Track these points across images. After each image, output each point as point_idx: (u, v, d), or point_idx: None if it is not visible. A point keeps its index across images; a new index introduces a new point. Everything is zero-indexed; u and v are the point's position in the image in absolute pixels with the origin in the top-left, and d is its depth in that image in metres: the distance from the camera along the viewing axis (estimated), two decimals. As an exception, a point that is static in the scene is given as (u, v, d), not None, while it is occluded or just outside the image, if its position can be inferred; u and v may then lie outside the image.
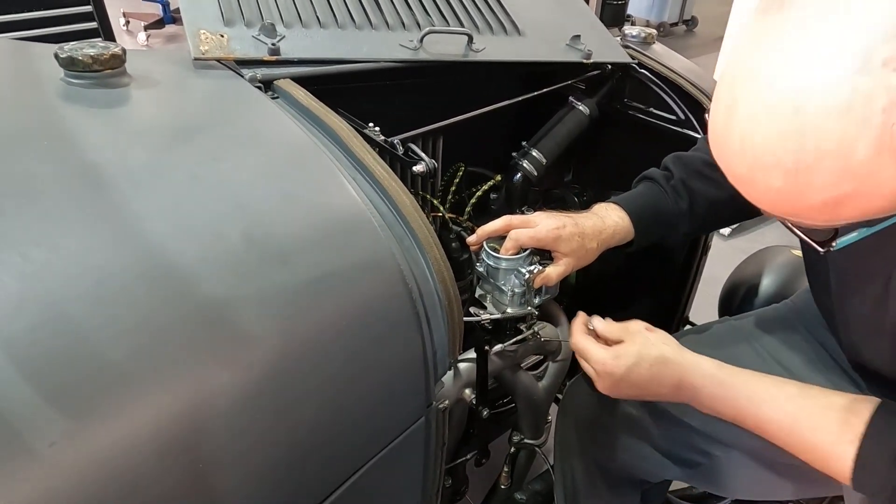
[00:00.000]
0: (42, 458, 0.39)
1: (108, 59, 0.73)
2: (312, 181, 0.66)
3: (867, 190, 0.45)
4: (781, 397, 0.69)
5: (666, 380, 0.75)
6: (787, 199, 0.49)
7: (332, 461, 0.58)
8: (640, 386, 0.76)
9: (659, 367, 0.75)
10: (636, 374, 0.75)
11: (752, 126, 0.48)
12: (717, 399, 0.73)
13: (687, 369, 0.75)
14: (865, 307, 0.72)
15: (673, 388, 0.75)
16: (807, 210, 0.49)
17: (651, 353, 0.76)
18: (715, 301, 1.28)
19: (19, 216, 0.51)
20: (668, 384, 0.75)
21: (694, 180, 0.93)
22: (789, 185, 0.47)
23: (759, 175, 0.49)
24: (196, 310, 0.49)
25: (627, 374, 0.75)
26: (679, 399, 0.76)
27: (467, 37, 1.02)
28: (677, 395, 0.76)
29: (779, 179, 0.47)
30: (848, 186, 0.45)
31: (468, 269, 0.99)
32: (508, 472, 1.17)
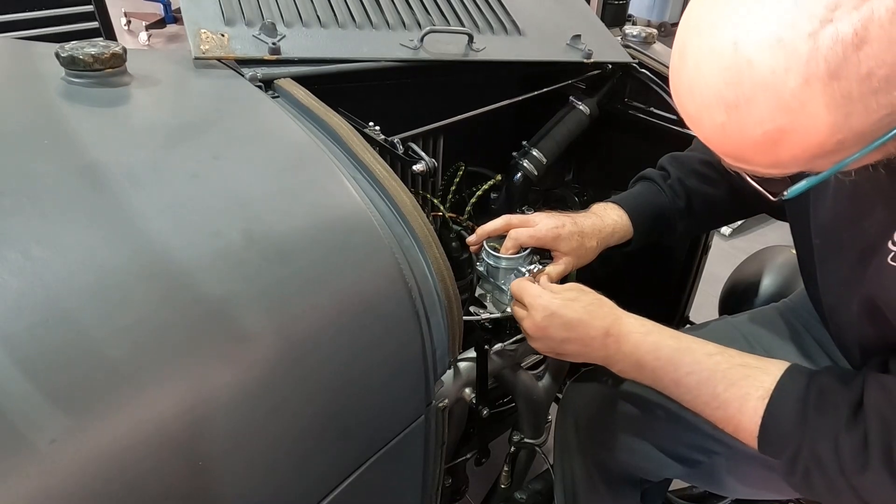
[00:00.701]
0: (42, 454, 0.39)
1: (109, 58, 0.73)
2: (312, 180, 0.66)
3: (801, 124, 0.47)
4: (701, 352, 0.70)
5: (598, 321, 0.74)
6: (730, 136, 0.51)
7: (331, 459, 0.58)
8: (571, 326, 0.74)
9: (594, 307, 0.76)
10: (571, 310, 0.75)
11: (697, 66, 0.50)
12: (639, 348, 0.73)
13: (620, 316, 0.76)
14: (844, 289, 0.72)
15: (602, 333, 0.74)
16: (751, 148, 0.51)
17: (588, 296, 0.77)
18: (715, 300, 1.28)
19: (20, 214, 0.51)
20: (600, 326, 0.74)
21: (690, 179, 0.94)
22: (732, 121, 0.49)
23: (705, 112, 0.51)
24: (196, 308, 0.50)
25: (562, 308, 0.75)
26: (602, 348, 0.75)
27: (468, 36, 1.02)
28: (603, 343, 0.74)
29: (722, 114, 0.49)
30: (783, 120, 0.47)
31: (468, 268, 0.99)
32: (508, 472, 1.17)
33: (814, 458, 0.61)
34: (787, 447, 0.63)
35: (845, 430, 0.59)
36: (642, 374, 0.74)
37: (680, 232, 0.96)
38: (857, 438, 0.58)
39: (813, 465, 0.61)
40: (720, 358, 0.69)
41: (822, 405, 0.61)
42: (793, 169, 0.53)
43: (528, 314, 0.77)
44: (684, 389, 0.70)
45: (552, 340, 0.77)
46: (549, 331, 0.76)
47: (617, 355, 0.75)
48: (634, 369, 0.74)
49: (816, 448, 0.60)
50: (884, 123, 0.47)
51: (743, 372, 0.67)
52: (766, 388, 0.65)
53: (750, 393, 0.66)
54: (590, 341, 0.75)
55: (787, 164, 0.51)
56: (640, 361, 0.73)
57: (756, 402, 0.65)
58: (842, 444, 0.58)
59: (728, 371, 0.68)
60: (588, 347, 0.75)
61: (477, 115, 1.06)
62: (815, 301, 0.87)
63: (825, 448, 0.60)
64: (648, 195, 0.95)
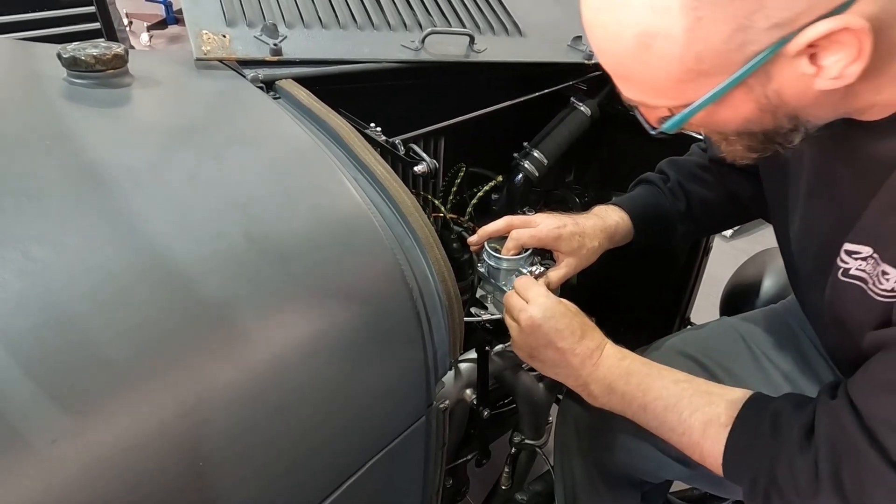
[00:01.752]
0: (43, 455, 0.39)
1: (111, 59, 0.73)
2: (314, 181, 0.66)
3: (663, 25, 0.50)
4: (669, 379, 0.72)
5: (587, 341, 0.76)
6: (611, 41, 0.54)
7: (332, 460, 0.58)
8: (562, 335, 0.76)
9: (588, 329, 0.77)
10: (569, 320, 0.76)
11: None
12: (612, 372, 0.75)
13: (604, 343, 0.77)
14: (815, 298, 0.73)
15: (586, 353, 0.76)
16: (629, 57, 0.53)
17: (585, 319, 0.78)
18: (716, 302, 1.28)
19: (21, 215, 0.52)
20: (587, 346, 0.76)
21: (689, 182, 0.95)
22: (612, 22, 0.52)
23: (594, 16, 0.54)
24: (197, 309, 0.50)
25: (562, 316, 0.76)
26: (579, 368, 0.76)
27: (469, 37, 1.02)
28: (582, 363, 0.76)
29: (605, 15, 0.53)
30: (649, 20, 0.50)
31: (469, 269, 0.99)
32: (509, 473, 1.17)
33: (772, 482, 0.62)
34: (747, 471, 0.64)
35: (798, 453, 0.60)
36: (612, 399, 0.75)
37: (680, 234, 0.97)
38: (809, 463, 0.59)
39: (772, 489, 0.62)
40: (687, 385, 0.71)
41: (777, 430, 0.63)
42: (670, 96, 0.55)
43: (527, 308, 0.77)
44: (651, 415, 0.72)
45: (538, 341, 0.77)
46: (542, 329, 0.76)
47: (591, 377, 0.76)
48: (605, 393, 0.76)
49: (774, 471, 0.61)
50: (738, 45, 0.48)
51: (707, 399, 0.69)
52: (728, 415, 0.67)
53: (713, 420, 0.67)
54: (571, 357, 0.76)
55: (662, 85, 0.54)
56: (612, 385, 0.75)
57: (718, 428, 0.67)
58: (795, 467, 0.60)
59: (693, 397, 0.70)
60: (565, 362, 0.76)
61: (478, 116, 1.06)
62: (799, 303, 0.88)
63: (782, 471, 0.61)
64: (649, 197, 0.96)
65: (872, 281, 0.60)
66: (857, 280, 0.62)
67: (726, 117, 0.57)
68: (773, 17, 0.47)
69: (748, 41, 0.48)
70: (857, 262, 0.62)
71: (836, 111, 0.57)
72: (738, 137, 0.61)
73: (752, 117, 0.56)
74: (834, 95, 0.53)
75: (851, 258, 0.63)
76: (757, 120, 0.56)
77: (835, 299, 0.67)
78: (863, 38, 0.47)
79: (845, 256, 0.64)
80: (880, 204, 0.59)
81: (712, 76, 0.51)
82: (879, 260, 0.59)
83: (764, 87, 0.52)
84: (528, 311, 0.77)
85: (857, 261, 0.62)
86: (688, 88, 0.53)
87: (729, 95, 0.53)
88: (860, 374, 0.60)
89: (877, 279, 0.59)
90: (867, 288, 0.61)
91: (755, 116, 0.56)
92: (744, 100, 0.54)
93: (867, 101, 0.56)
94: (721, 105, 0.54)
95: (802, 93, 0.53)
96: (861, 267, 0.62)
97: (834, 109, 0.57)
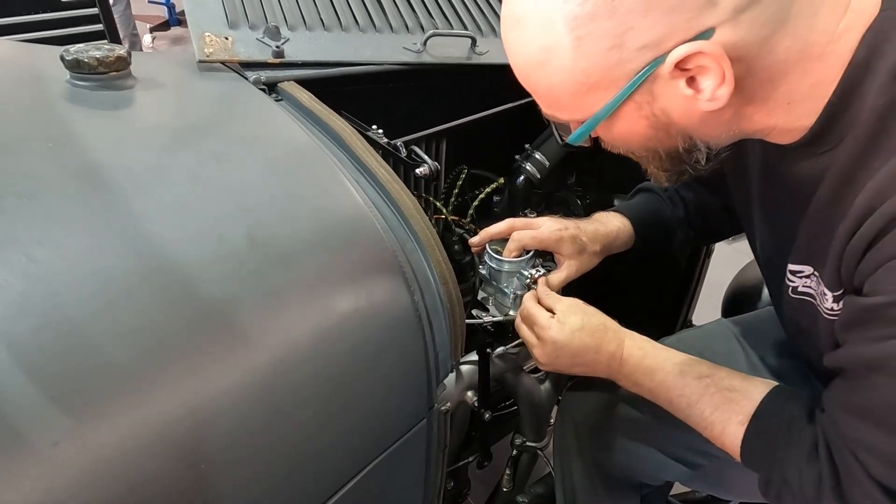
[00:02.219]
0: (45, 457, 0.39)
1: (114, 61, 0.73)
2: (315, 183, 0.66)
3: (553, 41, 0.53)
4: (692, 375, 0.75)
5: (604, 347, 0.79)
6: (518, 52, 0.57)
7: (333, 463, 0.58)
8: (578, 354, 0.79)
9: (600, 333, 0.79)
10: (578, 341, 0.78)
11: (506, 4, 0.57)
12: (637, 371, 0.78)
13: (623, 339, 0.80)
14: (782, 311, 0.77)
15: (607, 358, 0.79)
16: (531, 68, 0.57)
17: (593, 322, 0.80)
18: (718, 304, 1.27)
19: (24, 216, 0.52)
20: (605, 352, 0.79)
21: (685, 190, 0.98)
22: (517, 36, 0.56)
23: (506, 29, 0.57)
24: (198, 311, 0.50)
25: (570, 340, 0.78)
26: (606, 369, 0.80)
27: (471, 39, 1.03)
28: (608, 365, 0.79)
29: (512, 30, 0.56)
30: (545, 38, 0.54)
31: (471, 271, 0.99)
32: (510, 475, 1.17)
33: (784, 482, 0.65)
34: (762, 470, 0.68)
35: (806, 462, 0.63)
36: (641, 392, 0.80)
37: (680, 240, 0.99)
38: (815, 474, 0.62)
39: (784, 490, 0.65)
40: (709, 381, 0.74)
41: (790, 437, 0.65)
42: (572, 109, 0.59)
43: (539, 344, 0.80)
44: (677, 409, 0.75)
45: (561, 367, 0.82)
46: (559, 360, 0.80)
47: (618, 374, 0.80)
48: (634, 387, 0.80)
49: (785, 474, 0.64)
50: (616, 62, 0.52)
51: (728, 396, 0.72)
52: (746, 412, 0.69)
53: (731, 418, 0.70)
54: (595, 365, 0.80)
55: (561, 98, 0.57)
56: (638, 382, 0.79)
57: (736, 426, 0.69)
58: (804, 475, 0.63)
59: (715, 395, 0.72)
60: (594, 369, 0.81)
61: (480, 118, 1.06)
62: None
63: (792, 475, 0.64)
64: (649, 204, 0.98)
65: (819, 299, 0.64)
66: (806, 296, 0.66)
67: (625, 132, 0.60)
68: (641, 39, 0.50)
69: (624, 59, 0.52)
70: (803, 280, 0.66)
71: (732, 132, 0.60)
72: (648, 157, 0.65)
73: (647, 134, 0.59)
74: (720, 117, 0.57)
75: (796, 277, 0.67)
76: (653, 137, 0.60)
77: (791, 315, 0.71)
78: (722, 62, 0.50)
79: (791, 276, 0.68)
80: (811, 226, 0.62)
81: (602, 90, 0.55)
82: (820, 279, 0.62)
83: (651, 105, 0.56)
84: (540, 349, 0.80)
85: (802, 279, 0.66)
86: (585, 102, 0.57)
87: (621, 111, 0.56)
88: (830, 392, 0.63)
89: (822, 297, 0.63)
90: (817, 304, 0.64)
91: (650, 133, 0.59)
92: (636, 116, 0.57)
93: (762, 123, 0.59)
94: (617, 120, 0.58)
95: (687, 113, 0.56)
96: (807, 284, 0.65)
97: (728, 130, 0.60)
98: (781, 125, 0.59)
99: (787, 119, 0.58)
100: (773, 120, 0.58)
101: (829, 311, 0.61)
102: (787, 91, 0.55)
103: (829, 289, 0.60)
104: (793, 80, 0.55)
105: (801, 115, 0.57)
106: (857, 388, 0.58)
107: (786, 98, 0.56)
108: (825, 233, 0.59)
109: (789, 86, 0.55)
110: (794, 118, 0.58)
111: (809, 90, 0.55)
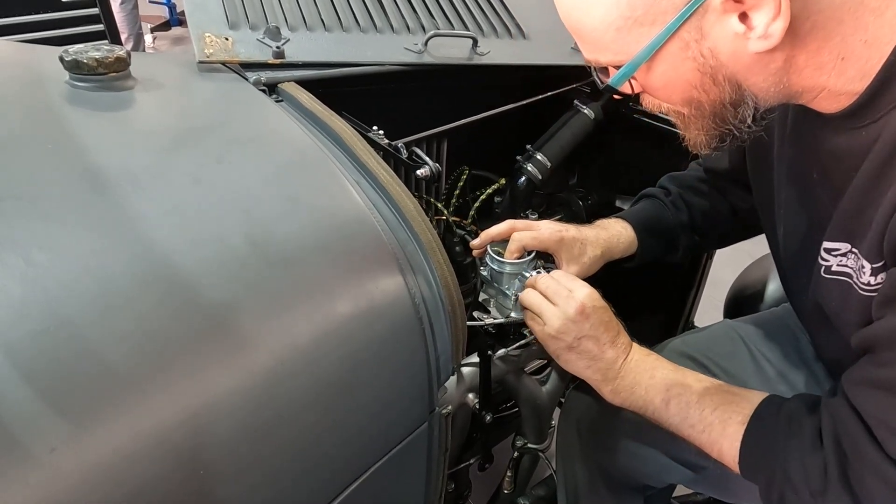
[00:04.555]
0: (42, 464, 0.39)
1: (113, 62, 0.73)
2: (316, 185, 0.66)
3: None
4: (692, 377, 0.75)
5: (622, 337, 0.78)
6: None
7: (334, 467, 0.58)
8: (607, 326, 0.76)
9: (616, 327, 0.78)
10: (609, 316, 0.77)
11: None
12: (639, 366, 0.77)
13: (631, 343, 0.79)
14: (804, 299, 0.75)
15: (622, 349, 0.77)
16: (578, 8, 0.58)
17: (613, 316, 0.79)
18: (720, 305, 1.27)
19: (22, 219, 0.51)
20: (622, 342, 0.78)
21: (689, 194, 0.97)
22: None
23: None
24: (198, 314, 0.49)
25: (606, 311, 0.77)
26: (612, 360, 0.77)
27: (472, 40, 1.02)
28: (615, 357, 0.77)
29: None
30: None
31: (472, 272, 0.99)
32: (511, 477, 1.17)
33: (787, 480, 0.63)
34: (763, 470, 0.66)
35: (809, 453, 0.61)
36: (634, 394, 0.76)
37: (683, 246, 0.98)
38: (819, 463, 0.60)
39: (787, 488, 0.63)
40: (709, 384, 0.73)
41: (790, 430, 0.64)
42: (614, 49, 0.58)
43: (572, 295, 0.76)
44: (674, 410, 0.73)
45: (583, 330, 0.76)
46: (591, 318, 0.76)
47: (620, 371, 0.77)
48: (629, 388, 0.77)
49: (788, 470, 0.63)
50: None
51: (728, 398, 0.71)
52: (745, 413, 0.68)
53: (731, 417, 0.69)
54: (609, 349, 0.77)
55: (604, 36, 0.57)
56: (637, 380, 0.76)
57: (736, 426, 0.68)
58: (808, 467, 0.61)
59: (715, 396, 0.72)
60: (601, 355, 0.77)
61: (481, 119, 1.06)
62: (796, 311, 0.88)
63: (795, 469, 0.62)
64: (652, 209, 0.97)
65: (856, 275, 0.61)
66: (841, 276, 0.64)
67: (669, 77, 0.59)
68: None
69: None
70: (838, 259, 0.64)
71: (781, 85, 0.58)
72: (690, 115, 0.62)
73: (693, 80, 0.58)
74: (771, 63, 0.55)
75: (831, 255, 0.65)
76: (699, 84, 0.58)
77: (819, 298, 0.69)
78: None
79: (825, 254, 0.65)
80: (850, 204, 0.60)
81: (647, 25, 0.54)
82: (859, 254, 0.60)
83: (699, 43, 0.54)
84: (577, 298, 0.76)
85: (838, 257, 0.64)
86: (628, 40, 0.56)
87: (666, 50, 0.55)
88: (854, 371, 0.61)
89: (859, 273, 0.61)
90: (853, 282, 0.62)
91: (696, 79, 0.57)
92: (681, 57, 0.56)
93: (812, 80, 0.57)
94: (661, 62, 0.57)
95: (736, 54, 0.55)
96: (843, 262, 0.63)
97: (777, 82, 0.58)
98: (831, 86, 0.57)
99: (838, 80, 0.56)
100: (823, 77, 0.57)
101: (866, 286, 0.59)
102: (840, 44, 0.54)
103: (869, 261, 0.58)
104: (847, 30, 0.53)
105: (852, 77, 0.56)
106: (888, 362, 0.56)
107: (838, 52, 0.54)
108: (868, 207, 0.57)
109: (843, 37, 0.53)
110: (844, 80, 0.56)
111: (863, 47, 0.54)
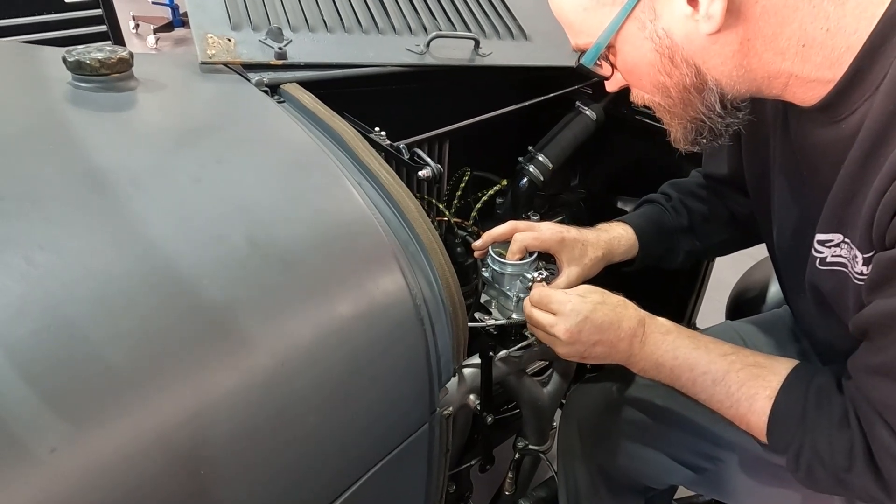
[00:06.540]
0: (42, 463, 0.39)
1: (116, 62, 0.73)
2: (317, 185, 0.66)
3: None
4: (716, 352, 0.73)
5: (625, 323, 0.76)
6: None
7: (335, 467, 0.58)
8: (602, 329, 0.75)
9: (621, 308, 0.77)
10: (601, 314, 0.75)
11: None
12: (659, 348, 0.75)
13: (643, 317, 0.77)
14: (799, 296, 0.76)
15: (629, 335, 0.76)
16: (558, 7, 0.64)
17: (613, 299, 0.78)
18: (722, 306, 1.27)
19: (24, 219, 0.51)
20: (627, 328, 0.75)
21: (690, 199, 0.97)
22: None
23: None
24: (199, 315, 0.49)
25: (593, 312, 0.75)
26: (628, 348, 0.76)
27: (474, 41, 1.02)
28: (629, 344, 0.76)
29: None
30: None
31: (473, 273, 0.99)
32: (513, 478, 1.17)
33: (814, 454, 0.64)
34: (791, 443, 0.66)
35: (837, 431, 0.62)
36: (661, 374, 0.76)
37: (684, 251, 0.98)
38: (846, 443, 0.61)
39: (815, 461, 0.64)
40: (734, 357, 0.72)
41: (820, 404, 0.64)
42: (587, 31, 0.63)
43: (559, 320, 0.76)
44: (700, 388, 0.73)
45: (583, 345, 0.76)
46: (582, 335, 0.75)
47: (639, 355, 0.76)
48: (654, 368, 0.76)
49: (816, 444, 0.64)
50: None
51: (754, 372, 0.70)
52: (773, 387, 0.68)
53: (759, 392, 0.68)
54: (617, 342, 0.76)
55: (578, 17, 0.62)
56: (659, 361, 0.75)
57: (764, 401, 0.68)
58: (834, 443, 0.62)
59: (741, 371, 0.70)
60: (614, 349, 0.76)
61: (483, 120, 1.06)
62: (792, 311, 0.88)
63: (823, 444, 0.63)
64: (652, 214, 0.97)
65: (851, 265, 0.62)
66: (837, 266, 0.64)
67: (634, 59, 0.63)
68: None
69: None
70: (832, 250, 0.64)
71: (743, 69, 0.60)
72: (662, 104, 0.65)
73: (653, 60, 0.61)
74: (725, 46, 0.57)
75: (825, 247, 0.65)
76: (659, 65, 0.61)
77: (815, 291, 0.69)
78: None
79: (819, 246, 0.66)
80: (839, 195, 0.61)
81: (608, 6, 0.59)
82: (851, 244, 0.61)
83: (654, 23, 0.58)
84: (562, 324, 0.76)
85: (832, 248, 0.65)
86: (595, 21, 0.61)
87: (626, 29, 0.60)
88: (856, 357, 0.62)
89: (853, 262, 0.61)
90: (849, 272, 0.62)
91: (656, 60, 0.61)
92: (640, 37, 0.60)
93: (774, 66, 0.58)
94: (623, 42, 0.61)
95: (690, 36, 0.57)
96: (837, 253, 0.64)
97: (738, 65, 0.59)
98: (797, 72, 0.58)
99: (803, 67, 0.57)
100: (786, 63, 0.57)
101: (860, 275, 0.60)
102: (799, 30, 0.55)
103: (861, 251, 0.59)
104: (805, 17, 0.54)
105: (818, 64, 0.56)
106: (882, 348, 0.57)
107: (798, 39, 0.55)
108: (855, 197, 0.58)
109: (801, 24, 0.54)
110: (811, 66, 0.57)
111: (825, 36, 0.54)
